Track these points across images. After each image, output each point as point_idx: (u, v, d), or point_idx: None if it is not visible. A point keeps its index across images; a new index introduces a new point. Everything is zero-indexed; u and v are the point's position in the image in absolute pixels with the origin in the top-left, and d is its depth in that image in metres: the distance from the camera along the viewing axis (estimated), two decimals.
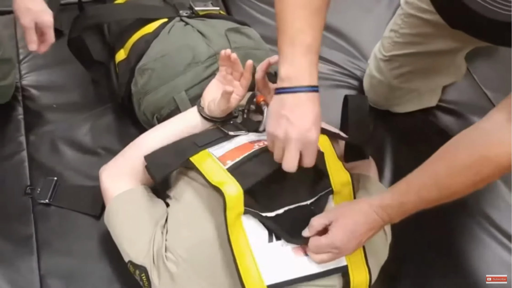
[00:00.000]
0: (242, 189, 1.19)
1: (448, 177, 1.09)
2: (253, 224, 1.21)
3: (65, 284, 1.39)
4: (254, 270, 1.18)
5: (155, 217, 1.30)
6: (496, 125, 1.05)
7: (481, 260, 1.56)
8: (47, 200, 1.50)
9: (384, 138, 1.77)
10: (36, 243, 1.44)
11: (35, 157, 1.59)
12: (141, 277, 1.26)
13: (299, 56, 1.10)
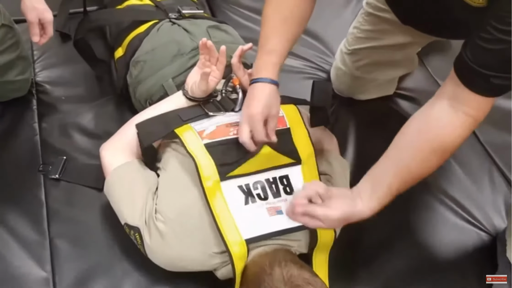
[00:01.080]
0: (214, 163, 1.25)
1: (419, 167, 1.14)
2: (231, 189, 1.27)
3: (71, 245, 1.42)
4: (233, 228, 1.23)
5: (147, 186, 1.34)
6: (444, 112, 1.10)
7: (436, 225, 1.59)
8: (57, 175, 1.54)
9: (348, 122, 1.80)
10: (47, 211, 1.49)
11: (47, 141, 1.64)
12: (135, 237, 1.31)
13: (263, 56, 1.26)
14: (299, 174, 1.34)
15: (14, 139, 1.63)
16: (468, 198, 1.65)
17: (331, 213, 1.11)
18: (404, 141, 1.16)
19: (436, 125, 1.11)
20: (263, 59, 1.26)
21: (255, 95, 1.23)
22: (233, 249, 1.22)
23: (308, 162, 1.35)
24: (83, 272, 1.38)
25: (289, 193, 1.31)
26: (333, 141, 1.60)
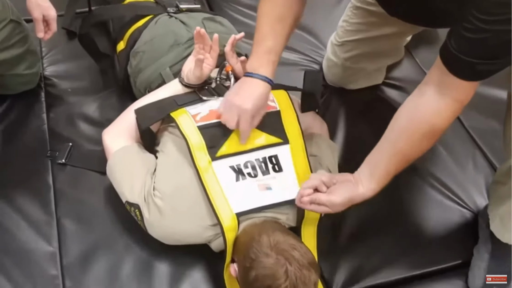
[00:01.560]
0: (205, 144, 1.31)
1: (411, 150, 1.20)
2: (223, 168, 1.33)
3: (77, 224, 1.49)
4: (224, 203, 1.29)
5: (146, 167, 1.40)
6: (432, 98, 1.14)
7: (421, 203, 1.63)
8: (64, 160, 1.60)
9: (338, 110, 1.84)
10: (54, 193, 1.55)
11: (54, 129, 1.70)
12: (135, 213, 1.36)
13: (261, 54, 1.28)
14: (288, 153, 1.39)
15: (24, 129, 1.70)
16: (452, 179, 1.69)
17: (334, 199, 1.20)
18: (397, 127, 1.22)
19: (426, 111, 1.16)
20: (262, 56, 1.28)
21: (250, 90, 1.27)
22: (224, 221, 1.27)
23: (296, 142, 1.40)
24: (88, 247, 1.44)
25: (278, 171, 1.36)
26: (323, 126, 1.65)
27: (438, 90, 1.13)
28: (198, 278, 1.41)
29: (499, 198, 1.43)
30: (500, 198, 1.43)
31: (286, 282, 1.13)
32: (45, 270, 1.40)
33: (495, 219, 1.45)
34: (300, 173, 1.37)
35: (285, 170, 1.37)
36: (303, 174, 1.37)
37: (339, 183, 1.23)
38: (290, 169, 1.37)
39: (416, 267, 1.50)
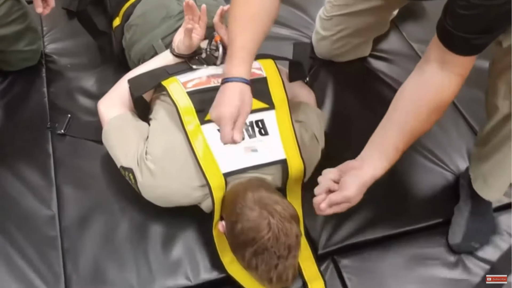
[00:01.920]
0: (194, 107, 1.35)
1: (421, 127, 1.20)
2: (211, 132, 1.36)
3: (75, 189, 1.53)
4: (212, 164, 1.33)
5: (139, 133, 1.44)
6: (434, 75, 1.16)
7: (406, 166, 1.65)
8: (63, 130, 1.65)
9: (327, 81, 1.87)
10: (54, 161, 1.60)
11: (54, 102, 1.74)
12: (129, 177, 1.41)
13: (233, 54, 1.22)
14: (273, 118, 1.43)
15: (26, 102, 1.74)
16: (436, 144, 1.72)
17: (349, 193, 1.15)
18: (403, 108, 1.21)
19: (430, 89, 1.17)
20: (234, 57, 1.22)
21: (226, 96, 1.20)
22: (212, 181, 1.31)
23: (282, 108, 1.44)
24: (85, 210, 1.49)
25: (264, 135, 1.40)
26: (311, 95, 1.68)
27: (438, 67, 1.15)
28: (190, 238, 1.45)
29: (481, 158, 1.46)
30: (482, 158, 1.45)
31: (269, 234, 1.17)
32: (45, 232, 1.45)
33: (478, 178, 1.49)
34: (285, 137, 1.41)
35: (270, 134, 1.40)
36: (287, 138, 1.41)
37: (346, 174, 1.18)
38: (275, 133, 1.41)
39: (399, 226, 1.53)
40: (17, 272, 1.37)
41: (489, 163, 1.43)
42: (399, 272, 1.44)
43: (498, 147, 1.37)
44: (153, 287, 1.37)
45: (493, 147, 1.39)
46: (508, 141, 1.34)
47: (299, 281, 1.39)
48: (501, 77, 1.27)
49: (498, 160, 1.40)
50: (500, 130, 1.34)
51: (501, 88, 1.27)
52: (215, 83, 1.43)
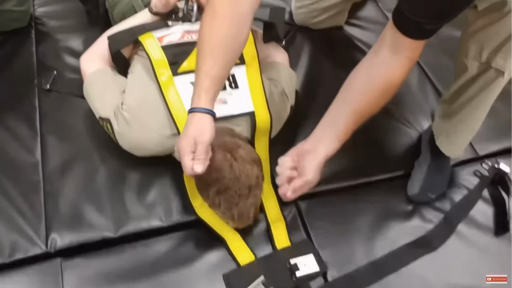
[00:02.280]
0: (167, 60, 1.41)
1: (369, 108, 1.26)
2: (184, 84, 1.42)
3: (58, 139, 1.59)
4: (183, 114, 1.38)
5: (117, 86, 1.51)
6: (387, 58, 1.21)
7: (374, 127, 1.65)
8: (48, 86, 1.70)
9: (303, 46, 1.92)
10: (39, 114, 1.65)
11: (42, 61, 1.80)
12: (107, 127, 1.47)
13: (197, 83, 1.21)
14: (243, 73, 1.49)
15: (15, 61, 1.80)
16: (403, 105, 1.79)
17: (308, 178, 1.24)
18: (354, 88, 1.27)
19: (381, 71, 1.23)
20: (197, 86, 1.22)
21: (186, 127, 1.21)
22: (182, 129, 1.37)
23: (252, 64, 1.50)
24: (67, 158, 1.55)
25: (234, 88, 1.47)
26: (284, 56, 1.74)
27: (391, 50, 1.20)
28: (164, 184, 1.52)
29: (445, 115, 1.52)
30: (446, 116, 1.52)
31: (231, 174, 1.24)
32: (29, 177, 1.51)
33: (440, 135, 1.55)
34: (254, 90, 1.47)
35: (240, 87, 1.47)
36: (256, 91, 1.47)
37: (302, 159, 1.25)
38: (245, 87, 1.47)
39: (361, 177, 1.60)
40: (2, 213, 1.43)
41: (453, 121, 1.49)
42: (359, 219, 1.51)
43: (463, 105, 1.43)
44: (128, 228, 1.44)
45: (458, 106, 1.44)
46: (472, 101, 1.40)
47: (263, 223, 1.46)
48: (473, 39, 1.31)
49: (462, 118, 1.47)
50: (466, 90, 1.39)
51: (471, 50, 1.30)
52: (189, 38, 1.50)
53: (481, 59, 1.29)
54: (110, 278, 1.34)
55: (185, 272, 1.37)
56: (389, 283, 1.40)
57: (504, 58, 1.26)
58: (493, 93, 1.38)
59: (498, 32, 1.23)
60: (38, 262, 1.36)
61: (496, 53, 1.26)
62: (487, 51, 1.27)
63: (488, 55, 1.27)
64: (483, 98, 1.38)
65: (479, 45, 1.28)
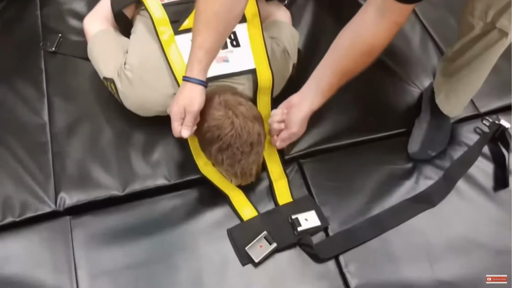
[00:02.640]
0: (168, 18, 1.38)
1: (352, 66, 1.26)
2: (185, 42, 1.40)
3: (64, 100, 1.59)
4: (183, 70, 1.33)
5: (120, 46, 1.49)
6: (373, 19, 1.18)
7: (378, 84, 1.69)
8: (54, 48, 1.69)
9: (306, 5, 1.87)
10: (45, 76, 1.64)
11: (47, 24, 1.77)
12: (111, 87, 1.46)
13: (191, 53, 1.23)
14: (245, 31, 1.46)
15: (20, 24, 1.78)
16: (405, 62, 1.76)
17: (293, 130, 1.34)
18: (340, 46, 1.27)
19: (367, 32, 1.20)
20: (191, 56, 1.24)
21: (179, 94, 1.25)
22: None
23: (253, 21, 1.47)
24: (73, 119, 1.55)
25: (235, 46, 1.45)
26: (287, 14, 1.71)
27: (378, 12, 1.17)
28: (169, 144, 1.51)
29: (446, 74, 1.49)
30: (447, 74, 1.49)
31: (232, 131, 1.24)
32: (37, 138, 1.52)
33: (440, 93, 1.53)
34: (255, 48, 1.45)
35: (242, 45, 1.44)
36: (258, 49, 1.45)
37: (289, 112, 1.32)
38: (247, 45, 1.45)
39: (362, 134, 1.59)
40: (12, 173, 1.44)
41: (453, 79, 1.47)
42: (359, 176, 1.50)
43: (464, 64, 1.40)
44: (134, 186, 1.44)
45: (459, 64, 1.41)
46: (474, 61, 1.37)
47: (266, 181, 1.46)
48: None
49: (462, 77, 1.44)
50: (469, 49, 1.36)
51: (477, 9, 1.26)
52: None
53: (486, 19, 1.25)
54: (117, 235, 1.36)
55: (190, 228, 1.38)
56: (388, 237, 1.40)
57: (508, 19, 1.22)
58: (495, 55, 1.35)
59: None
60: (47, 220, 1.38)
61: (502, 14, 1.22)
62: (493, 11, 1.23)
63: (494, 15, 1.24)
64: (485, 58, 1.36)
65: (485, 4, 1.24)
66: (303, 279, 1.33)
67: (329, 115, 1.59)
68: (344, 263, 1.36)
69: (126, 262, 1.32)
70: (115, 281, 1.29)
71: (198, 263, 1.33)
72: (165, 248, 1.35)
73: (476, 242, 1.41)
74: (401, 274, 1.35)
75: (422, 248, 1.39)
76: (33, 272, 1.29)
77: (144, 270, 1.31)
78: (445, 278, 1.35)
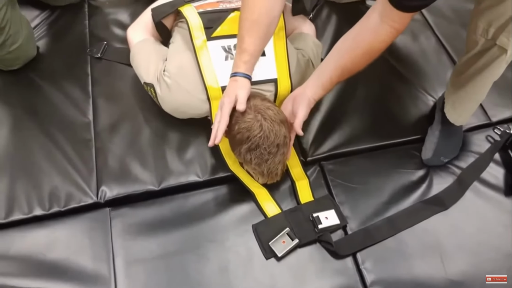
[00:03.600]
0: (203, 24, 1.36)
1: (352, 64, 1.24)
2: (216, 48, 1.38)
3: (107, 102, 1.58)
4: (213, 78, 1.36)
5: (159, 54, 1.47)
6: (375, 23, 1.16)
7: (394, 93, 1.66)
8: (99, 54, 1.69)
9: (329, 19, 1.85)
10: (91, 79, 1.64)
11: (94, 33, 1.78)
12: (151, 91, 1.45)
13: (238, 55, 1.28)
14: (270, 42, 1.42)
15: (70, 33, 1.78)
16: (420, 73, 1.71)
17: (300, 117, 1.29)
18: (343, 45, 1.26)
19: (368, 35, 1.19)
20: (237, 58, 1.28)
21: (230, 86, 1.27)
22: (211, 92, 1.35)
23: (279, 34, 1.44)
24: (115, 119, 1.54)
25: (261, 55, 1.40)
26: (311, 27, 1.68)
27: (380, 17, 1.15)
28: (201, 144, 1.50)
29: (454, 85, 1.45)
30: (455, 86, 1.44)
31: (261, 133, 1.21)
32: (82, 135, 1.51)
33: (448, 104, 1.48)
34: (279, 58, 1.42)
35: (267, 55, 1.41)
36: (281, 60, 1.42)
37: (295, 102, 1.30)
38: (271, 55, 1.42)
39: (380, 140, 1.54)
40: (59, 167, 1.44)
41: (459, 91, 1.43)
42: (377, 178, 1.46)
43: (469, 78, 1.36)
44: (169, 182, 1.43)
45: (464, 78, 1.38)
46: (477, 76, 1.34)
47: (289, 181, 1.43)
48: (481, 17, 1.24)
49: (467, 89, 1.40)
50: (473, 64, 1.33)
51: (479, 27, 1.24)
52: (223, 6, 1.45)
53: (488, 36, 1.23)
54: (152, 226, 1.35)
55: (218, 222, 1.36)
56: (403, 237, 1.36)
57: (507, 37, 1.20)
58: (497, 69, 1.31)
59: (503, 12, 1.17)
60: (89, 211, 1.38)
61: (501, 32, 1.20)
62: (493, 28, 1.20)
63: (494, 33, 1.21)
64: (487, 73, 1.32)
65: (487, 22, 1.22)
66: (322, 274, 1.29)
67: (349, 121, 1.56)
68: (361, 260, 1.32)
69: (159, 252, 1.30)
70: (149, 268, 1.28)
71: (226, 254, 1.31)
72: (196, 240, 1.33)
73: (487, 245, 1.36)
74: (414, 272, 1.31)
75: (434, 248, 1.35)
76: (75, 258, 1.29)
77: (175, 259, 1.30)
78: (456, 277, 1.30)
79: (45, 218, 1.36)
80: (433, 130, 1.52)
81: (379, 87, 1.66)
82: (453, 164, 1.50)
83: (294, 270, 1.29)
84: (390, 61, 1.73)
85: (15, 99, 1.58)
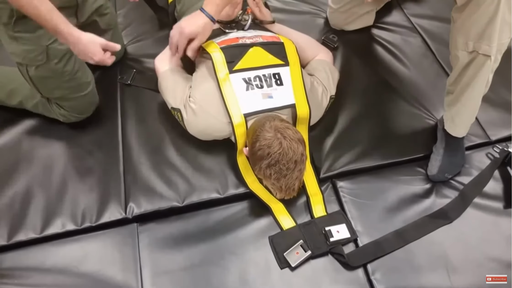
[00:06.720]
0: (225, 59, 1.34)
1: None
2: (237, 80, 1.36)
3: (137, 123, 1.57)
4: (235, 106, 1.34)
5: (185, 82, 1.46)
6: None
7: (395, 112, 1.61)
8: (129, 81, 1.67)
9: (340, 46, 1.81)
10: (120, 104, 1.62)
11: (123, 62, 1.76)
12: (177, 116, 1.43)
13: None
14: (287, 73, 1.41)
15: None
16: (423, 96, 1.66)
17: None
18: None
19: None
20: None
21: (193, 18, 1.31)
22: (234, 119, 1.33)
23: (294, 66, 1.43)
24: (142, 140, 1.53)
25: (279, 85, 1.39)
26: (328, 54, 1.66)
27: None
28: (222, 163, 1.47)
29: (449, 103, 1.44)
30: (450, 104, 1.43)
31: (280, 150, 1.19)
32: (112, 155, 1.49)
33: (448, 120, 1.46)
34: (296, 87, 1.40)
35: (285, 84, 1.39)
36: (298, 88, 1.40)
37: None
38: (288, 84, 1.40)
39: (388, 158, 1.50)
40: (91, 185, 1.43)
41: (456, 106, 1.41)
42: (385, 194, 1.42)
43: (461, 92, 1.35)
44: (192, 198, 1.40)
45: (457, 93, 1.37)
46: (468, 86, 1.32)
47: (304, 197, 1.40)
48: (459, 32, 1.25)
49: (462, 102, 1.38)
50: (462, 78, 1.32)
51: (459, 42, 1.24)
52: (242, 42, 1.42)
53: (468, 49, 1.23)
54: (177, 240, 1.32)
55: (238, 235, 1.33)
56: (411, 249, 1.31)
57: (488, 44, 1.20)
58: (486, 74, 1.29)
59: (478, 20, 1.17)
60: (118, 226, 1.36)
61: (481, 41, 1.20)
62: (472, 41, 1.21)
63: (474, 44, 1.21)
64: (477, 80, 1.30)
65: (464, 36, 1.22)
66: (336, 284, 1.25)
67: (358, 141, 1.52)
68: (371, 271, 1.28)
69: (184, 264, 1.28)
70: (174, 279, 1.25)
71: (245, 266, 1.28)
72: (218, 252, 1.30)
73: (489, 255, 1.31)
74: (422, 282, 1.26)
75: (441, 258, 1.30)
76: (105, 270, 1.26)
77: (199, 271, 1.27)
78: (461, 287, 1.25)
79: (77, 233, 1.34)
80: (437, 149, 1.48)
81: (386, 110, 1.63)
82: (456, 179, 1.45)
83: (309, 280, 1.26)
84: (396, 87, 1.68)
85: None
